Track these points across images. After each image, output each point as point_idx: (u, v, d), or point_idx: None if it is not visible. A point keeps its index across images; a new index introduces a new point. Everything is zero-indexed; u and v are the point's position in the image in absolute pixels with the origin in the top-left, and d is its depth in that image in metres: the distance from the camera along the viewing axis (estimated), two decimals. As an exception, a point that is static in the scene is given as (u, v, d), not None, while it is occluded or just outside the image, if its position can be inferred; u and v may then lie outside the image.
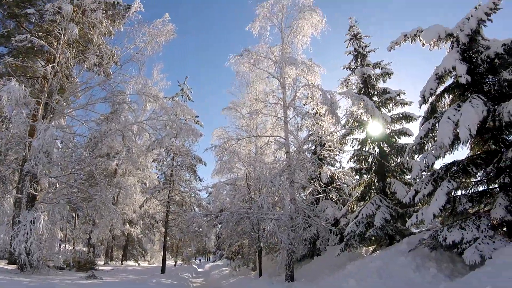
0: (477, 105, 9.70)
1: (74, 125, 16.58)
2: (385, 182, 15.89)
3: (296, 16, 19.08)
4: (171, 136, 22.53)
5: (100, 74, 16.25)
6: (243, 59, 19.08)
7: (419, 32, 12.04)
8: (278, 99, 19.15)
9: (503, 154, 9.40)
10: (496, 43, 10.04)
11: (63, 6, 14.64)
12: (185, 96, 30.96)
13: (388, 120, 16.36)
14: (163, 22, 17.17)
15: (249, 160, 20.72)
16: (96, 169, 16.09)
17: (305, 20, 18.83)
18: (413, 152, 11.95)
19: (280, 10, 19.51)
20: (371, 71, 17.36)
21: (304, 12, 18.79)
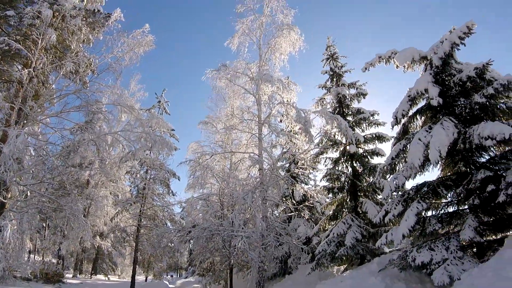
0: (448, 127, 9.87)
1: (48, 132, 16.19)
2: (357, 202, 16.01)
3: (275, 34, 19.30)
4: (145, 149, 22.24)
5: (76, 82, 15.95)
6: (220, 74, 19.11)
7: (393, 54, 12.23)
8: (253, 116, 19.19)
9: (473, 176, 9.57)
10: (469, 66, 10.32)
11: (43, 11, 14.38)
12: (161, 109, 30.70)
13: (361, 140, 16.58)
14: (142, 33, 17.04)
15: (223, 175, 20.57)
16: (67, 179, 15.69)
17: (283, 38, 19.04)
18: (385, 172, 12.04)
19: (259, 27, 19.70)
20: (346, 91, 17.61)
21: (282, 30, 19.02)
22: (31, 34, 14.37)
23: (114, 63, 15.94)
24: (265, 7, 19.68)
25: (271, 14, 19.77)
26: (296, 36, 19.13)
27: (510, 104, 9.62)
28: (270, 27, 19.84)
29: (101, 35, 17.18)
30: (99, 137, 16.73)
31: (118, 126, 23.02)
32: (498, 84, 9.33)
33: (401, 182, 10.78)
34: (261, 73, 18.82)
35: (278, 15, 19.59)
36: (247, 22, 19.73)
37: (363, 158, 16.68)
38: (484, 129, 9.04)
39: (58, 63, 15.21)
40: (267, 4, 19.61)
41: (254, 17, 19.73)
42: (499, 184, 8.71)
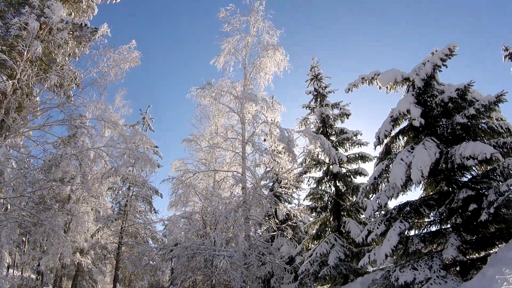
0: (430, 147, 10.03)
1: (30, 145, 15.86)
2: (340, 221, 16.03)
3: (260, 54, 19.50)
4: (128, 165, 21.98)
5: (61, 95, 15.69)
6: (205, 92, 19.13)
7: (376, 75, 12.43)
8: (237, 134, 19.22)
9: (455, 195, 9.70)
10: (451, 87, 10.55)
11: (30, 22, 14.24)
12: (146, 125, 30.51)
13: (345, 159, 16.71)
14: (129, 49, 16.95)
15: (206, 194, 20.40)
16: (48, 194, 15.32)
17: (268, 58, 19.23)
18: (368, 192, 12.11)
19: (245, 46, 19.88)
20: (330, 111, 17.81)
21: (267, 50, 19.23)
22: (17, 45, 14.19)
23: (99, 78, 15.77)
24: (251, 27, 19.91)
25: (257, 34, 20.03)
26: (281, 56, 19.36)
27: (491, 124, 9.84)
28: (255, 47, 20.07)
29: (87, 49, 17.06)
30: (82, 152, 16.46)
31: (101, 141, 22.71)
32: (479, 104, 9.55)
33: (384, 201, 10.85)
34: (246, 92, 18.92)
35: (264, 35, 19.86)
36: (233, 42, 19.92)
37: (346, 177, 16.78)
38: (466, 149, 9.21)
39: (43, 75, 15.00)
40: (253, 24, 19.85)
41: (240, 36, 19.94)
42: (481, 203, 8.84)
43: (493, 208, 8.28)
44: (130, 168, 24.23)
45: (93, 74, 15.89)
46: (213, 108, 20.43)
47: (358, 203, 15.58)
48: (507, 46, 18.12)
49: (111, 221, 25.09)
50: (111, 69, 16.19)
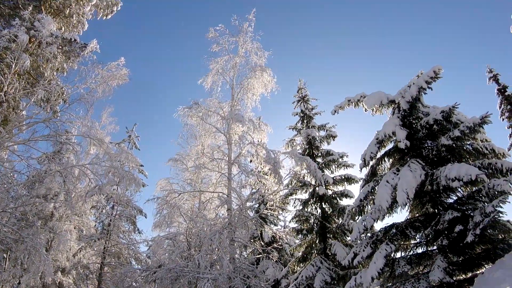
0: (415, 169, 10.07)
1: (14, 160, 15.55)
2: (326, 243, 15.91)
3: (248, 75, 19.65)
4: (113, 184, 21.61)
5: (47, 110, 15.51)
6: (192, 112, 19.10)
7: (362, 97, 12.54)
8: (223, 155, 19.14)
9: (441, 216, 9.70)
10: (436, 110, 10.68)
11: (19, 35, 14.16)
12: (131, 143, 30.10)
13: (331, 181, 16.73)
14: (117, 66, 16.94)
15: (191, 215, 20.13)
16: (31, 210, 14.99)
17: (256, 79, 19.36)
18: (354, 214, 12.07)
19: (233, 67, 20.01)
20: (316, 133, 17.91)
21: (255, 71, 19.38)
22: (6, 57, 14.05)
23: (86, 94, 15.69)
24: (239, 48, 20.09)
25: (245, 55, 20.22)
26: (268, 77, 19.52)
27: (476, 146, 9.95)
28: (243, 68, 20.24)
29: (76, 65, 17.00)
30: (66, 168, 16.22)
31: (87, 158, 22.39)
32: (464, 126, 9.68)
33: (370, 224, 10.78)
34: (233, 112, 18.94)
35: (252, 56, 20.04)
36: (222, 62, 20.06)
37: (332, 199, 16.75)
38: (451, 171, 9.26)
39: (30, 89, 14.87)
40: (242, 45, 20.05)
41: (229, 57, 20.11)
42: (467, 224, 8.85)
43: (479, 229, 8.29)
44: (115, 187, 23.84)
45: (81, 90, 15.83)
46: (200, 128, 20.36)
47: (344, 225, 15.52)
48: (491, 68, 18.60)
49: (94, 241, 24.50)
50: (99, 86, 16.12)
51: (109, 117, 27.27)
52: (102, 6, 19.39)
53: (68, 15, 17.60)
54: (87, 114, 16.33)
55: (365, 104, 12.36)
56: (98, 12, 19.74)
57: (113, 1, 19.78)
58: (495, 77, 18.46)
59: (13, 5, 16.28)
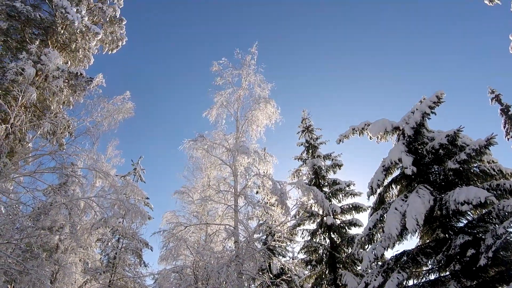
0: (423, 195, 10.02)
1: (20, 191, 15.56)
2: (336, 274, 15.65)
3: (252, 107, 19.77)
4: (118, 216, 21.52)
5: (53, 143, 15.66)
6: (197, 144, 19.17)
7: (366, 125, 12.62)
8: (229, 187, 19.06)
9: (452, 241, 9.58)
10: (441, 134, 10.72)
11: (26, 68, 14.47)
12: (137, 176, 30.25)
13: (338, 210, 16.61)
14: (123, 99, 17.19)
15: (197, 247, 19.86)
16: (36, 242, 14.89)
17: (260, 111, 19.49)
18: (363, 243, 11.94)
19: (237, 99, 20.21)
20: (322, 163, 17.92)
21: (259, 103, 19.53)
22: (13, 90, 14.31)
23: (92, 128, 15.86)
24: (243, 81, 20.36)
25: (248, 88, 20.43)
26: (272, 109, 19.66)
27: (483, 167, 9.93)
28: (247, 100, 20.39)
29: (82, 98, 17.27)
30: (72, 201, 16.22)
31: (92, 191, 22.43)
32: (470, 149, 9.69)
33: (380, 252, 10.64)
34: (238, 144, 19.00)
35: (255, 88, 20.26)
36: (226, 95, 20.28)
37: (341, 229, 16.60)
38: (460, 195, 9.21)
39: (37, 122, 15.08)
40: (245, 78, 20.32)
41: (233, 90, 20.34)
42: (479, 248, 8.72)
43: (491, 252, 8.16)
44: (120, 220, 23.73)
45: (87, 123, 16.01)
46: (205, 160, 20.37)
47: (354, 255, 15.31)
48: (493, 88, 18.71)
49: (100, 274, 24.19)
50: (105, 119, 16.33)
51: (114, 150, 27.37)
52: (108, 41, 19.94)
53: (74, 49, 18.07)
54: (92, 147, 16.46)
55: (369, 132, 12.43)
56: (104, 46, 20.29)
57: (119, 36, 20.33)
58: (497, 97, 18.59)
59: (21, 38, 16.76)
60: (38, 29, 17.30)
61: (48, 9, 17.53)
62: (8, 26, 16.05)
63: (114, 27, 20.22)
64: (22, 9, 16.11)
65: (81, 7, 17.91)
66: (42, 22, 16.75)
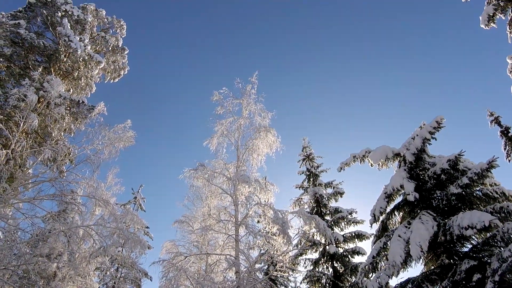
0: (427, 221, 9.96)
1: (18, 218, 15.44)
2: (340, 304, 15.33)
3: (252, 136, 19.87)
4: (118, 245, 21.31)
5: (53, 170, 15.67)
6: (198, 173, 19.15)
7: (367, 153, 12.65)
8: (230, 216, 18.91)
9: (457, 267, 9.43)
10: (442, 159, 10.73)
11: (29, 95, 14.66)
12: (137, 205, 30.05)
13: (341, 239, 16.44)
14: (124, 128, 17.29)
15: (198, 278, 19.53)
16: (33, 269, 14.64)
17: (260, 140, 19.56)
18: (367, 272, 11.78)
19: (238, 128, 20.32)
20: (323, 191, 17.87)
21: (260, 132, 19.63)
22: (14, 116, 14.44)
23: (93, 156, 15.88)
24: (243, 110, 20.53)
25: (249, 117, 20.58)
26: (273, 138, 19.73)
27: (486, 191, 9.89)
28: (248, 129, 20.50)
29: (83, 126, 17.43)
30: (71, 228, 16.05)
31: (91, 219, 22.17)
32: (472, 173, 9.68)
33: (385, 281, 10.48)
34: (239, 173, 18.97)
35: (256, 117, 20.41)
36: (226, 124, 20.40)
37: (344, 257, 16.39)
38: (463, 219, 9.15)
39: (37, 148, 15.14)
40: (245, 107, 20.51)
41: (233, 119, 20.48)
42: (485, 272, 8.60)
43: (497, 276, 8.02)
44: (120, 249, 23.48)
45: (87, 151, 16.04)
46: (206, 189, 20.31)
47: (357, 284, 14.96)
48: (492, 111, 18.78)
49: (98, 304, 23.81)
50: (105, 147, 16.38)
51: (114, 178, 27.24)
52: (110, 70, 20.30)
53: (77, 77, 18.37)
54: (93, 175, 16.44)
55: (370, 159, 12.46)
56: (106, 75, 20.64)
57: (121, 66, 20.69)
58: (497, 119, 18.59)
59: (24, 65, 17.08)
60: (41, 56, 17.67)
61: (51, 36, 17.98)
62: (12, 52, 16.39)
63: (116, 56, 20.61)
64: (26, 36, 16.48)
65: (84, 36, 18.33)
66: (45, 49, 17.13)
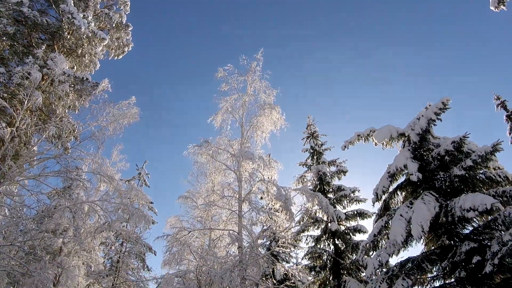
0: (429, 201, 9.99)
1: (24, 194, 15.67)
2: (340, 280, 15.58)
3: (257, 113, 19.78)
4: (122, 221, 21.60)
5: (58, 146, 15.78)
6: (202, 150, 19.19)
7: (372, 132, 12.59)
8: (234, 192, 19.02)
9: (457, 248, 9.52)
10: (446, 140, 10.69)
11: (33, 73, 14.59)
12: (141, 181, 30.38)
13: (343, 217, 16.56)
14: (128, 105, 17.26)
15: (201, 252, 19.82)
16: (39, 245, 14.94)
17: (265, 117, 19.50)
18: (368, 250, 11.91)
19: (242, 105, 20.22)
20: (327, 169, 17.90)
21: (264, 109, 19.54)
22: (19, 94, 14.42)
23: (97, 132, 15.90)
24: (248, 87, 20.40)
25: (254, 94, 20.44)
26: (277, 115, 19.65)
27: (489, 174, 9.88)
28: (252, 106, 20.40)
29: (88, 103, 17.41)
30: (76, 204, 16.25)
31: (96, 195, 22.37)
32: (476, 155, 9.66)
33: (385, 259, 10.59)
34: (243, 150, 18.99)
35: (260, 94, 20.29)
36: (231, 101, 20.30)
37: (345, 235, 16.55)
38: (466, 201, 9.18)
39: (42, 126, 15.16)
40: (250, 84, 20.37)
41: (238, 96, 20.36)
42: (485, 255, 8.68)
43: (497, 259, 8.10)
44: (124, 224, 23.82)
45: (92, 127, 16.06)
46: (210, 165, 20.39)
47: (358, 261, 15.22)
48: (499, 95, 18.62)
49: (103, 277, 24.25)
50: (110, 124, 16.38)
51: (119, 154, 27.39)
52: (114, 46, 20.15)
53: (81, 54, 18.24)
54: (97, 152, 16.51)
55: (375, 138, 12.40)
56: (110, 52, 20.51)
57: (125, 42, 20.52)
58: (503, 103, 18.44)
59: (27, 43, 16.95)
60: (44, 34, 17.51)
61: (55, 14, 17.75)
62: (15, 30, 16.24)
63: (120, 33, 20.43)
64: (29, 14, 16.30)
65: (88, 13, 18.13)
66: (48, 27, 16.94)
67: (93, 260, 28.09)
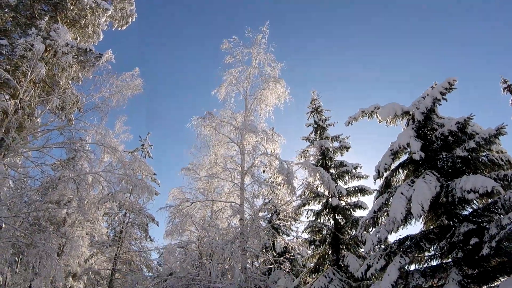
0: (430, 181, 9.98)
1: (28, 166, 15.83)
2: (339, 255, 15.78)
3: (261, 86, 19.69)
4: (126, 191, 21.84)
5: (62, 118, 15.82)
6: (206, 122, 19.19)
7: (376, 109, 12.47)
8: (236, 165, 19.12)
9: (456, 229, 9.58)
10: (451, 121, 10.60)
11: (36, 44, 14.50)
12: (145, 152, 30.48)
13: (344, 192, 16.63)
14: (132, 76, 17.24)
15: (203, 224, 20.12)
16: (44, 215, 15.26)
17: (269, 90, 19.41)
18: (367, 226, 11.96)
19: (247, 78, 20.11)
20: (330, 144, 17.85)
21: (269, 82, 19.43)
22: (22, 66, 14.38)
23: (101, 103, 15.94)
24: (253, 60, 20.22)
25: (258, 67, 20.29)
26: (282, 89, 19.55)
27: (492, 157, 9.85)
28: (257, 79, 20.29)
29: (91, 74, 17.30)
30: (80, 175, 16.50)
31: (100, 166, 22.61)
32: (480, 137, 9.60)
33: (384, 236, 10.68)
34: (246, 123, 18.98)
35: (265, 67, 20.13)
36: (235, 73, 20.17)
37: (346, 211, 16.64)
38: (467, 183, 9.17)
39: (45, 97, 15.17)
40: (255, 57, 20.18)
41: (242, 68, 20.22)
42: (483, 237, 8.73)
43: (494, 242, 8.16)
44: (128, 195, 24.08)
45: (95, 99, 16.10)
46: (213, 138, 20.42)
47: (357, 237, 15.38)
48: (506, 78, 18.35)
49: (106, 247, 24.75)
50: (113, 95, 16.39)
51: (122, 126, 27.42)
52: (117, 17, 19.88)
53: (84, 25, 18.03)
54: (101, 123, 16.58)
55: (379, 115, 12.30)
56: (113, 23, 20.24)
57: (128, 13, 20.23)
58: (510, 87, 18.20)
59: (30, 15, 16.74)
60: (47, 5, 17.27)
61: (57, -16, 17.45)
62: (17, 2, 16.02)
63: (124, 3, 20.08)
64: (32, -15, 16.05)
65: (91, -17, 17.79)
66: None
67: (96, 230, 28.56)
